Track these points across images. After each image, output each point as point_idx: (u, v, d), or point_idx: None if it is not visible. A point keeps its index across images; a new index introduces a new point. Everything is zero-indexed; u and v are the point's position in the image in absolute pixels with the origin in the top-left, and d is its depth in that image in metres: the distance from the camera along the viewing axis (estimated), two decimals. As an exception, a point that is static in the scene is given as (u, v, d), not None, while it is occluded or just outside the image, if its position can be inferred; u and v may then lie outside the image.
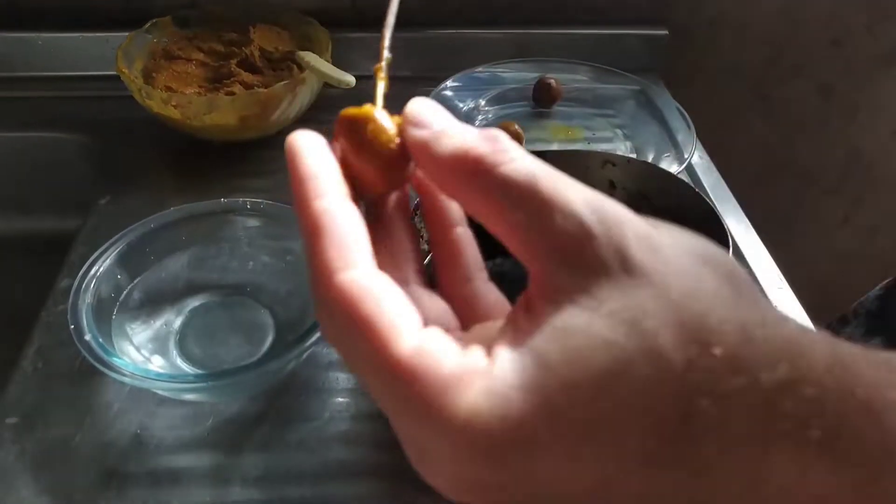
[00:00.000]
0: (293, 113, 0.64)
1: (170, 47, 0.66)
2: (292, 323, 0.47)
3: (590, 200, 0.18)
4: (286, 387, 0.45)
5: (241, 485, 0.40)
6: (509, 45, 0.76)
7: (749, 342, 0.16)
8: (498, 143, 0.19)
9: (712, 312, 0.16)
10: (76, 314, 0.41)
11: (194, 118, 0.59)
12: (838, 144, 0.92)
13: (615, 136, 0.69)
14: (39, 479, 0.40)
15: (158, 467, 0.41)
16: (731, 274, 0.18)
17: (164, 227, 0.47)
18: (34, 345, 0.47)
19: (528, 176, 0.18)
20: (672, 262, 0.17)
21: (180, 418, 0.43)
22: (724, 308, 0.16)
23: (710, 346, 0.16)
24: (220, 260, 0.50)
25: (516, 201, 0.18)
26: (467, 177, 0.19)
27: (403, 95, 0.78)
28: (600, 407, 0.15)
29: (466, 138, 0.19)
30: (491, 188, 0.18)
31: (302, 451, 0.42)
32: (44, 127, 0.68)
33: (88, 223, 0.57)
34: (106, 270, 0.44)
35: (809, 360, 0.16)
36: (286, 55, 0.66)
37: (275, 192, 0.61)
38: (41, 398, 0.44)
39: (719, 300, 0.17)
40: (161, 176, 0.64)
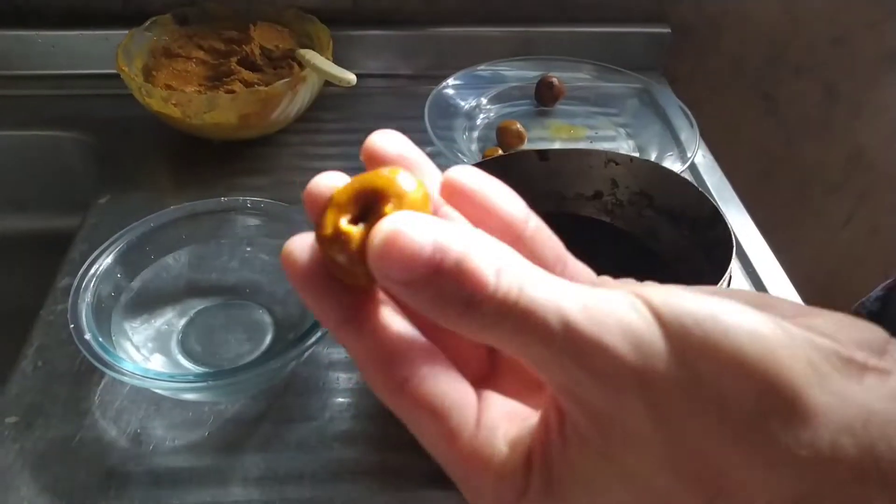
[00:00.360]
0: (294, 111, 0.63)
1: (170, 45, 0.66)
2: (291, 322, 0.47)
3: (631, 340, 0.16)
4: (286, 386, 0.45)
5: (241, 485, 0.40)
6: (511, 44, 0.75)
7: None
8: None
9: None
10: (76, 313, 0.41)
11: (194, 116, 0.59)
12: (841, 143, 0.92)
13: (618, 135, 0.68)
14: (39, 479, 0.40)
15: (158, 467, 0.40)
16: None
17: (164, 226, 0.47)
18: (34, 344, 0.47)
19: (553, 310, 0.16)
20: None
21: (180, 418, 0.43)
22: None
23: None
24: (220, 259, 0.50)
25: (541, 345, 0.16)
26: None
27: (406, 93, 0.77)
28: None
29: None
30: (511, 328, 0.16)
31: (302, 451, 0.41)
32: (43, 125, 0.68)
33: (88, 222, 0.57)
34: (105, 269, 0.44)
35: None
36: (287, 53, 0.65)
37: (275, 190, 0.61)
38: (41, 397, 0.44)
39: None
40: (161, 174, 0.64)
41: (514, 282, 0.16)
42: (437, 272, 0.15)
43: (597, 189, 0.50)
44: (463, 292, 0.15)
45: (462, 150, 0.62)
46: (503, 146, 0.64)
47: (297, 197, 0.61)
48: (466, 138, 0.66)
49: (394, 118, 0.70)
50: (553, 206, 0.50)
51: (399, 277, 0.16)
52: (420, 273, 0.15)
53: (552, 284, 0.16)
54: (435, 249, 0.15)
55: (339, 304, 0.18)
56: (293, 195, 0.61)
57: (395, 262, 0.15)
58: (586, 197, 0.50)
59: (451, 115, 0.67)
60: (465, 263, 0.16)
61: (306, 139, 0.67)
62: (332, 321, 0.18)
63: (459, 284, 0.15)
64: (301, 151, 0.66)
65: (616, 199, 0.50)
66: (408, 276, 0.15)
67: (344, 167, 0.71)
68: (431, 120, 0.62)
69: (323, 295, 0.18)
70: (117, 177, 0.62)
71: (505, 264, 0.16)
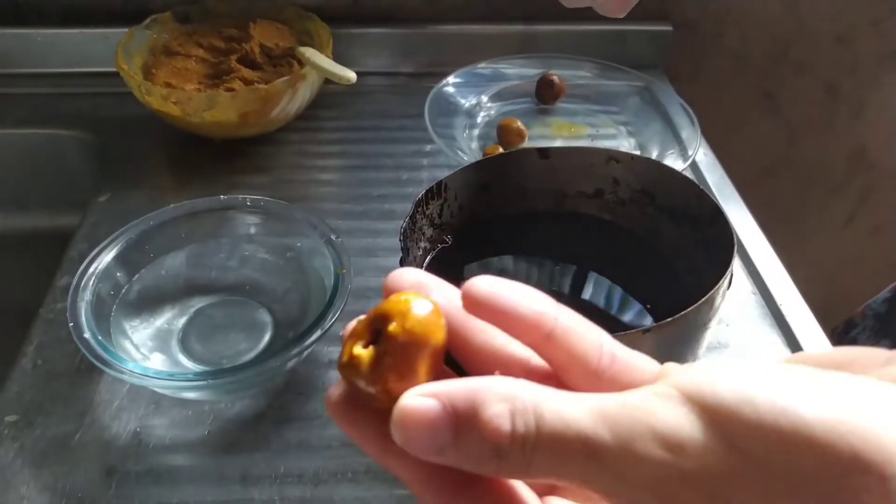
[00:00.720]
0: (294, 109, 0.63)
1: (170, 43, 0.66)
2: (291, 321, 0.47)
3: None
4: (286, 385, 0.45)
5: (240, 484, 0.40)
6: (512, 41, 0.75)
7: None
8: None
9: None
10: (75, 312, 0.41)
11: (194, 115, 0.59)
12: (843, 142, 0.91)
13: (619, 133, 0.68)
14: (39, 477, 0.40)
15: (158, 466, 0.40)
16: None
17: (163, 225, 0.47)
18: (33, 342, 0.47)
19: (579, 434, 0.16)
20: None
21: (180, 417, 0.43)
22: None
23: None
24: (220, 257, 0.49)
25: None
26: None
27: (407, 91, 0.77)
28: None
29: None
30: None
31: (302, 451, 0.41)
32: (43, 124, 0.67)
33: (88, 220, 0.57)
34: (105, 268, 0.44)
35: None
36: (286, 51, 0.65)
37: (275, 188, 0.61)
38: (41, 396, 0.44)
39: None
40: (161, 173, 0.64)
41: (529, 419, 0.16)
42: (457, 435, 0.16)
43: (598, 187, 0.50)
44: (490, 445, 0.16)
45: (462, 148, 0.62)
46: (504, 144, 0.64)
47: (297, 195, 0.61)
48: (467, 136, 0.66)
49: (394, 116, 0.70)
50: (554, 205, 0.50)
51: (426, 451, 0.16)
52: (443, 442, 0.16)
53: (566, 407, 0.16)
54: (448, 411, 0.16)
55: (375, 433, 0.18)
56: (293, 193, 0.61)
57: (417, 437, 0.16)
58: (587, 195, 0.50)
59: (451, 113, 0.66)
60: (474, 412, 0.16)
61: (306, 137, 0.67)
62: (374, 451, 0.18)
63: (483, 439, 0.16)
64: (301, 149, 0.66)
65: (617, 197, 0.50)
66: (434, 448, 0.16)
67: (344, 165, 0.71)
68: (432, 118, 0.62)
69: (357, 424, 0.18)
70: (117, 175, 0.62)
71: (517, 402, 0.16)
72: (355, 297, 0.50)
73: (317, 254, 0.46)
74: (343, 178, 0.63)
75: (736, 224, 0.58)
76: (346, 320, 0.52)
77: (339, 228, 0.55)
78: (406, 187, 0.62)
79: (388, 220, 0.58)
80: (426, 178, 0.63)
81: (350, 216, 0.58)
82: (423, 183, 0.62)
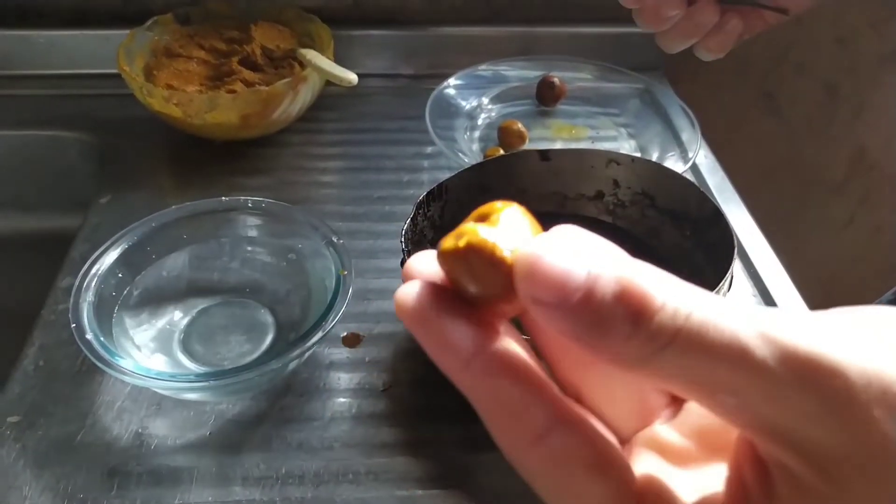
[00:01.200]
0: (295, 111, 0.63)
1: (171, 45, 0.66)
2: (293, 322, 0.47)
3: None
4: (287, 387, 0.45)
5: (241, 485, 0.40)
6: (512, 44, 0.75)
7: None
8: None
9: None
10: (77, 313, 0.41)
11: (195, 116, 0.59)
12: (844, 143, 0.91)
13: (619, 135, 0.68)
14: (41, 478, 0.40)
15: (160, 466, 0.40)
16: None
17: (165, 226, 0.47)
18: (35, 343, 0.47)
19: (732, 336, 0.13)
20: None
21: (182, 418, 0.43)
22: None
23: None
24: (221, 259, 0.50)
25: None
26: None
27: (407, 93, 0.77)
28: None
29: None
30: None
31: (303, 452, 0.41)
32: (45, 125, 0.68)
33: (89, 221, 0.57)
34: (107, 269, 0.44)
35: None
36: (288, 53, 0.65)
37: (276, 190, 0.62)
38: (43, 397, 0.44)
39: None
40: (162, 174, 0.64)
41: (684, 295, 0.13)
42: (592, 289, 0.13)
43: (598, 189, 0.50)
44: (628, 307, 0.13)
45: (463, 150, 0.62)
46: (504, 146, 0.64)
47: (298, 197, 0.61)
48: (468, 138, 0.66)
49: (395, 118, 0.70)
50: (555, 207, 0.50)
51: (552, 300, 0.13)
52: (574, 292, 0.13)
53: (735, 305, 0.14)
54: (589, 262, 0.13)
55: (462, 337, 0.15)
56: (295, 195, 0.61)
57: (545, 283, 0.13)
58: (588, 197, 0.50)
59: (452, 115, 0.67)
60: (626, 277, 0.13)
61: (308, 139, 0.67)
62: (452, 363, 0.15)
63: (622, 298, 0.13)
64: (302, 151, 0.66)
65: (618, 199, 0.50)
66: (561, 298, 0.13)
67: (345, 167, 0.71)
68: (433, 120, 0.62)
69: (436, 329, 0.15)
70: (118, 176, 0.62)
71: (670, 283, 0.14)
72: (356, 299, 0.50)
73: (318, 255, 0.47)
74: (344, 180, 0.63)
75: (736, 226, 0.59)
76: (348, 322, 0.52)
77: (340, 230, 0.55)
78: (407, 189, 0.62)
79: (388, 222, 0.58)
80: (427, 179, 0.63)
81: (351, 218, 0.59)
82: (423, 185, 0.62)
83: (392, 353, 0.47)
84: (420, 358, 0.47)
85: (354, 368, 0.46)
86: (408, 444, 0.42)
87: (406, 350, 0.47)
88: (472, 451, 0.42)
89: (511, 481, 0.40)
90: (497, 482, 0.40)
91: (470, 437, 0.42)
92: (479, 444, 0.42)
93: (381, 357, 0.47)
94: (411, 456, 0.41)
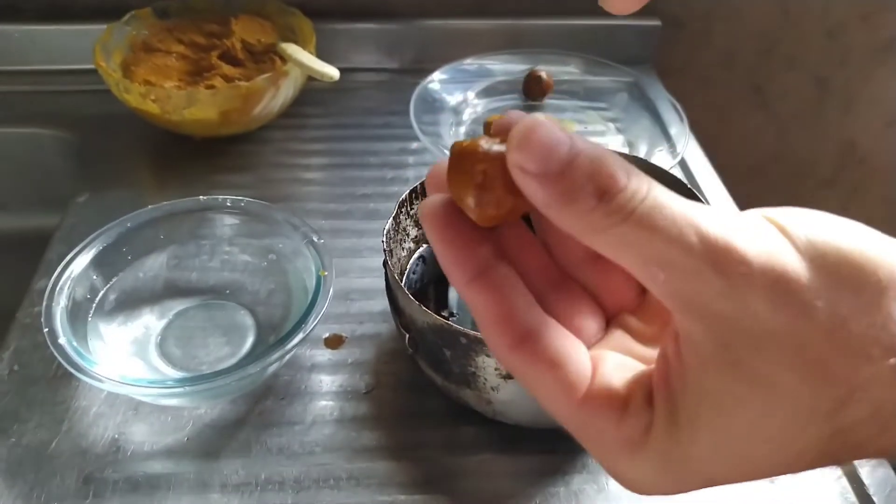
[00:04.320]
0: (276, 107, 0.62)
1: (149, 39, 0.65)
2: (273, 324, 0.46)
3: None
4: (268, 390, 0.44)
5: (220, 491, 0.39)
6: (499, 37, 0.74)
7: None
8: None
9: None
10: (50, 317, 0.40)
11: (174, 113, 0.58)
12: (833, 137, 0.91)
13: (607, 130, 0.67)
14: (14, 486, 0.39)
15: (137, 473, 0.40)
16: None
17: (141, 227, 0.46)
18: (10, 347, 0.46)
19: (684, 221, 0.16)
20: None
21: (159, 423, 0.42)
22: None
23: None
24: (200, 259, 0.49)
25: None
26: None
27: (392, 88, 0.76)
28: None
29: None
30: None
31: (284, 457, 0.41)
32: (21, 122, 0.66)
33: (66, 221, 0.56)
34: (81, 272, 0.43)
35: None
36: (269, 47, 0.64)
37: (258, 188, 0.60)
38: (17, 402, 0.43)
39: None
40: (141, 172, 0.63)
41: (643, 184, 0.16)
42: (570, 164, 0.16)
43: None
44: (596, 184, 0.16)
45: (448, 145, 0.61)
46: (491, 141, 0.63)
47: (280, 194, 0.60)
48: (453, 133, 0.65)
49: (379, 113, 0.69)
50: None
51: (535, 168, 0.16)
52: (556, 163, 0.16)
53: (680, 198, 0.16)
54: (572, 143, 0.16)
55: (472, 257, 0.19)
56: (277, 192, 0.60)
57: (535, 151, 0.16)
58: (574, 194, 0.49)
59: (437, 109, 0.66)
60: (598, 159, 0.16)
61: (290, 135, 0.66)
62: (465, 276, 0.19)
63: (593, 176, 0.16)
64: (285, 148, 0.65)
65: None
66: (543, 167, 0.16)
67: (328, 163, 0.69)
68: (417, 115, 0.61)
69: (461, 247, 0.19)
70: (96, 175, 0.61)
71: (634, 170, 0.16)
72: (339, 299, 0.49)
73: (298, 255, 0.46)
74: (327, 177, 0.62)
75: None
76: (330, 323, 0.51)
77: (323, 228, 0.54)
78: (391, 186, 0.61)
79: (372, 220, 0.57)
80: (412, 176, 0.62)
81: (334, 216, 0.58)
82: (408, 181, 0.61)
83: (375, 355, 0.46)
84: (404, 360, 0.46)
85: (337, 370, 0.45)
86: (391, 448, 0.41)
87: (390, 351, 0.47)
88: (455, 454, 0.41)
89: (495, 485, 0.39)
90: (481, 486, 0.40)
91: (454, 441, 0.41)
92: (462, 448, 0.41)
93: (364, 359, 0.46)
94: (394, 460, 0.41)
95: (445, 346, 0.37)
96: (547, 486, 0.39)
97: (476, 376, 0.37)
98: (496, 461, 0.41)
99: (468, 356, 0.36)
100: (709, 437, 0.17)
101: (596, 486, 0.39)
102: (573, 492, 0.39)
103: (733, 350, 0.16)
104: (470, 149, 0.18)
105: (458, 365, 0.37)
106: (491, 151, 0.18)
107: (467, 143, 0.18)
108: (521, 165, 0.16)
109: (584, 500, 0.39)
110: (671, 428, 0.18)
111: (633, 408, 0.19)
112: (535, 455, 0.41)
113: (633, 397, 0.19)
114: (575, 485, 0.40)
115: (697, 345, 0.17)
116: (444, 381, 0.40)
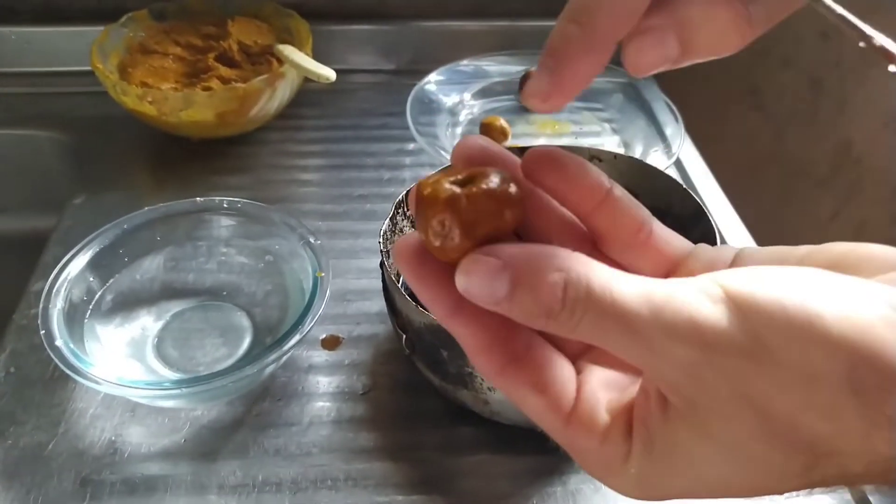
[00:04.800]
0: (273, 108, 0.62)
1: (146, 41, 0.65)
2: (270, 325, 0.46)
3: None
4: (265, 391, 0.44)
5: (217, 493, 0.39)
6: (495, 38, 0.74)
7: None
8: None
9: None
10: (47, 319, 0.40)
11: (170, 114, 0.58)
12: (828, 137, 0.91)
13: (603, 130, 0.68)
14: (11, 488, 0.39)
15: (134, 475, 0.40)
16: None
17: (138, 228, 0.46)
18: (7, 349, 0.46)
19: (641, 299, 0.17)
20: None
21: (156, 425, 0.42)
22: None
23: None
24: (197, 261, 0.49)
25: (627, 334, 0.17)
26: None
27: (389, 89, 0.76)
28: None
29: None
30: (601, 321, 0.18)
31: (281, 458, 0.41)
32: (17, 124, 0.66)
33: (63, 223, 0.56)
34: (77, 274, 0.43)
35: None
36: (265, 49, 0.64)
37: (255, 189, 0.60)
38: (14, 404, 0.43)
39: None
40: (138, 174, 0.63)
41: (580, 290, 0.17)
42: (511, 297, 0.18)
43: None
44: (540, 307, 0.18)
45: (445, 146, 0.61)
46: (487, 143, 0.63)
47: (277, 195, 0.60)
48: (450, 135, 0.65)
49: (376, 114, 0.69)
50: (536, 204, 0.49)
51: (486, 301, 0.18)
52: (501, 292, 0.18)
53: (616, 284, 0.17)
54: (507, 275, 0.18)
55: (448, 293, 0.19)
56: (273, 194, 0.60)
57: (477, 292, 0.18)
58: (570, 194, 0.50)
59: (433, 111, 0.66)
60: (534, 284, 0.17)
61: (287, 136, 0.66)
62: (443, 310, 0.20)
63: (535, 300, 0.18)
64: (281, 149, 0.65)
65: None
66: (492, 299, 0.18)
67: (325, 165, 0.69)
68: (414, 116, 0.61)
69: (435, 284, 0.19)
70: (93, 177, 0.61)
71: (571, 273, 0.18)
72: (336, 300, 0.49)
73: (295, 256, 0.46)
74: (324, 179, 0.62)
75: (720, 221, 0.58)
76: (327, 324, 0.51)
77: (320, 229, 0.54)
78: (388, 187, 0.61)
79: (369, 221, 0.57)
80: (409, 177, 0.62)
81: (331, 217, 0.58)
82: (405, 182, 0.61)
83: (372, 356, 0.46)
84: (401, 361, 0.46)
85: (334, 372, 0.45)
86: (388, 448, 0.41)
87: (386, 352, 0.47)
88: (452, 455, 0.41)
89: (492, 485, 0.39)
90: (478, 487, 0.40)
91: (451, 442, 0.42)
92: (460, 448, 0.41)
93: (360, 360, 0.46)
94: (391, 461, 0.41)
95: (442, 346, 0.37)
96: (544, 485, 0.40)
97: (473, 377, 0.37)
98: (493, 461, 0.41)
99: (465, 357, 0.36)
100: (682, 481, 0.19)
101: (593, 486, 0.40)
102: (570, 491, 0.39)
103: (704, 420, 0.17)
104: (430, 198, 0.19)
105: (454, 365, 0.38)
106: (450, 199, 0.19)
107: (428, 191, 0.19)
108: (470, 294, 0.18)
109: (581, 500, 0.39)
110: (647, 461, 0.19)
111: (613, 436, 0.20)
112: (532, 455, 0.41)
113: (614, 426, 0.20)
114: (572, 484, 0.40)
115: (670, 401, 0.18)
116: (442, 382, 0.40)
